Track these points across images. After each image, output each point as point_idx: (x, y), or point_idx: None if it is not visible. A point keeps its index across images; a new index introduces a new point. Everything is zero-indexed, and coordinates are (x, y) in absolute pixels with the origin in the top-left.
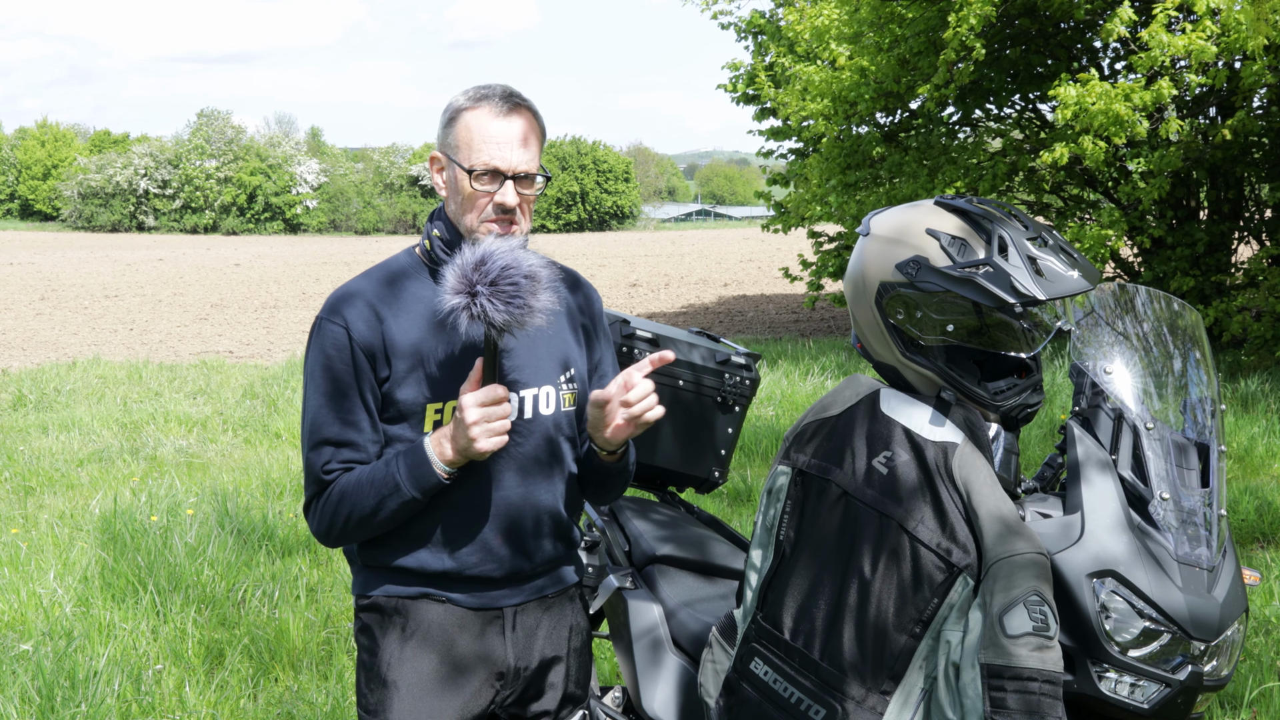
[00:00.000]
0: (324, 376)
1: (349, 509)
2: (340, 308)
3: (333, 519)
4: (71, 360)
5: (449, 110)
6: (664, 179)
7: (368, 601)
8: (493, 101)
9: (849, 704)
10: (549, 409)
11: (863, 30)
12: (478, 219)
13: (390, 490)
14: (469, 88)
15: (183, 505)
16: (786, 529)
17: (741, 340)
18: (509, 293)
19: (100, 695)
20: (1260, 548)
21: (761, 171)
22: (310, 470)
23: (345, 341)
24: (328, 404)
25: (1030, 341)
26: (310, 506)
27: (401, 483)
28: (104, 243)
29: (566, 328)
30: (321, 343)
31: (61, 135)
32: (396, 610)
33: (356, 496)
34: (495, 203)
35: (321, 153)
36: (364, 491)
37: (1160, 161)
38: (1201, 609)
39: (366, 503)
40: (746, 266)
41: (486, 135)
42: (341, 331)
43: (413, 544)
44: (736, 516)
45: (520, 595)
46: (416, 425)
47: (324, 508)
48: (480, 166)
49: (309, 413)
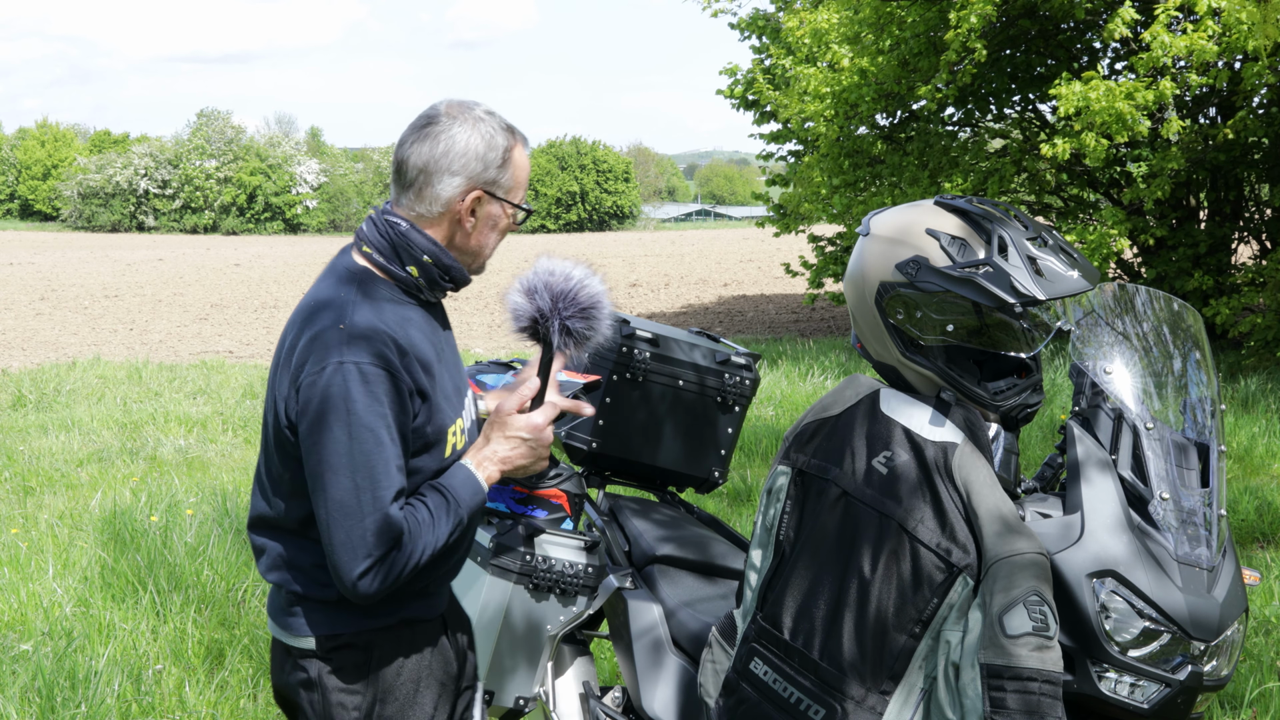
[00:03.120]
0: (380, 425)
1: (420, 554)
2: (372, 349)
3: (403, 570)
4: (71, 360)
5: (496, 148)
6: (664, 179)
7: (338, 642)
8: (519, 137)
9: (849, 704)
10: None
11: (862, 30)
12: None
13: (456, 523)
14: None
15: (182, 505)
16: (786, 529)
17: (741, 340)
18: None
19: (100, 695)
20: (1260, 548)
21: (761, 172)
22: (384, 532)
23: (392, 386)
24: (388, 456)
25: (1030, 341)
26: (374, 569)
27: (462, 513)
28: (104, 243)
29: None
30: (369, 389)
31: (61, 135)
32: (373, 643)
33: (427, 538)
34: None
35: (321, 153)
36: (433, 531)
37: (1161, 161)
38: (1201, 609)
39: (439, 542)
40: (746, 266)
41: (527, 174)
42: (387, 376)
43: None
44: (736, 516)
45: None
46: (439, 452)
47: (397, 562)
48: (524, 203)
49: (368, 466)
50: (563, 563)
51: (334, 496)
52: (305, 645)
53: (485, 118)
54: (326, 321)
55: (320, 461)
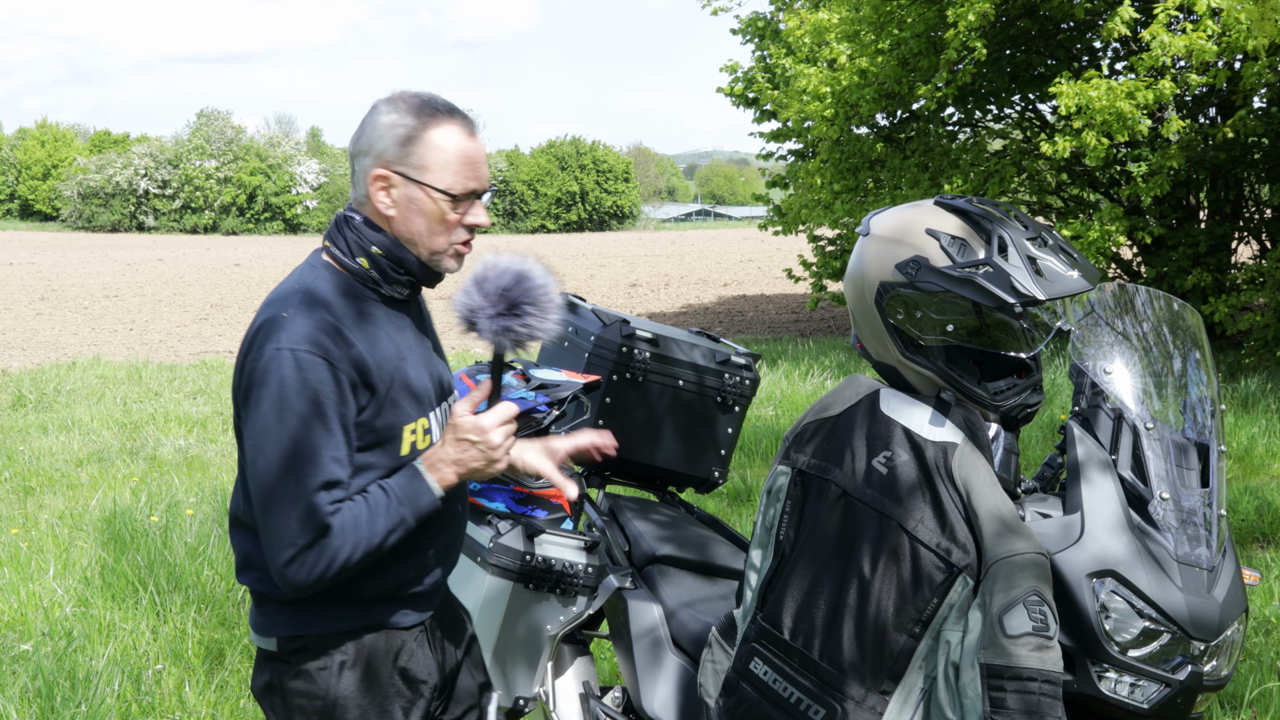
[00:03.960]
0: (310, 413)
1: (350, 550)
2: (309, 335)
3: (330, 564)
4: (71, 360)
5: (399, 126)
6: (664, 179)
7: (299, 643)
8: (456, 119)
9: (848, 704)
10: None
11: (862, 30)
12: (449, 241)
13: (396, 522)
14: (396, 97)
15: (182, 505)
16: (786, 529)
17: (741, 340)
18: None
19: (100, 695)
20: (1260, 548)
21: (761, 173)
22: (308, 519)
23: (328, 374)
24: (319, 444)
25: (1030, 341)
26: (299, 557)
27: (405, 514)
28: (104, 243)
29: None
30: (302, 376)
31: (61, 135)
32: (334, 647)
33: (360, 534)
34: (468, 224)
35: (321, 153)
36: (369, 528)
37: (1161, 160)
38: (1201, 609)
39: (373, 540)
40: (746, 266)
41: (465, 157)
42: (322, 363)
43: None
44: (736, 516)
45: (434, 604)
46: (393, 450)
47: (320, 555)
48: (462, 190)
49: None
50: (563, 563)
51: (262, 482)
52: (268, 647)
53: (408, 100)
54: (273, 311)
55: (253, 447)
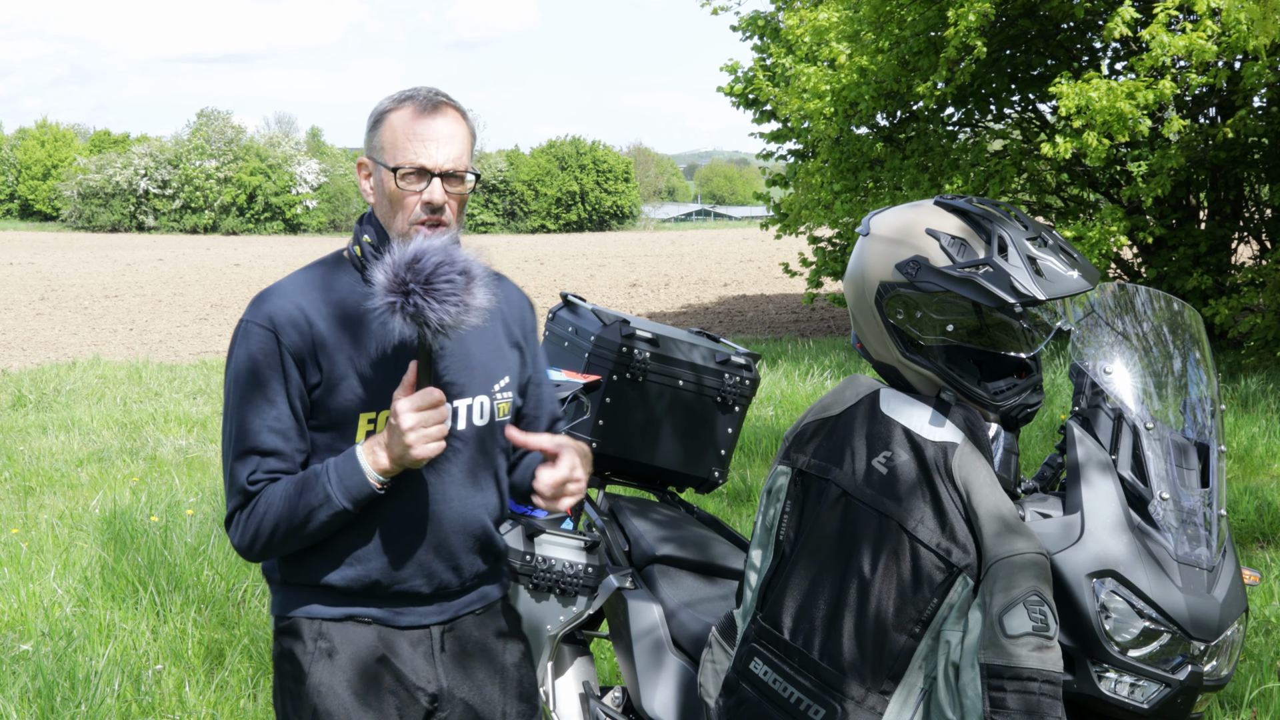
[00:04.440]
0: (249, 382)
1: (275, 521)
2: (268, 311)
3: (257, 531)
4: (71, 360)
5: (374, 114)
6: (664, 179)
7: (287, 623)
8: (417, 101)
9: (848, 704)
10: (482, 419)
11: (862, 29)
12: (406, 220)
13: (321, 501)
14: (394, 92)
15: (182, 505)
16: (786, 529)
17: (741, 340)
18: (444, 290)
19: (100, 695)
20: (1260, 548)
21: (761, 173)
22: (234, 481)
23: (274, 346)
24: (253, 411)
25: (1030, 341)
26: (233, 519)
27: (332, 493)
28: (104, 243)
29: (501, 335)
30: (248, 346)
31: (61, 135)
32: (320, 634)
33: (284, 508)
34: (424, 201)
35: (321, 153)
36: (292, 502)
37: (1161, 160)
38: (1201, 609)
39: (295, 514)
40: (746, 266)
41: (412, 133)
42: (269, 336)
43: (337, 559)
44: (736, 516)
45: (447, 613)
46: (348, 434)
47: (249, 520)
48: (406, 165)
49: (232, 420)
50: (563, 563)
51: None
52: (273, 626)
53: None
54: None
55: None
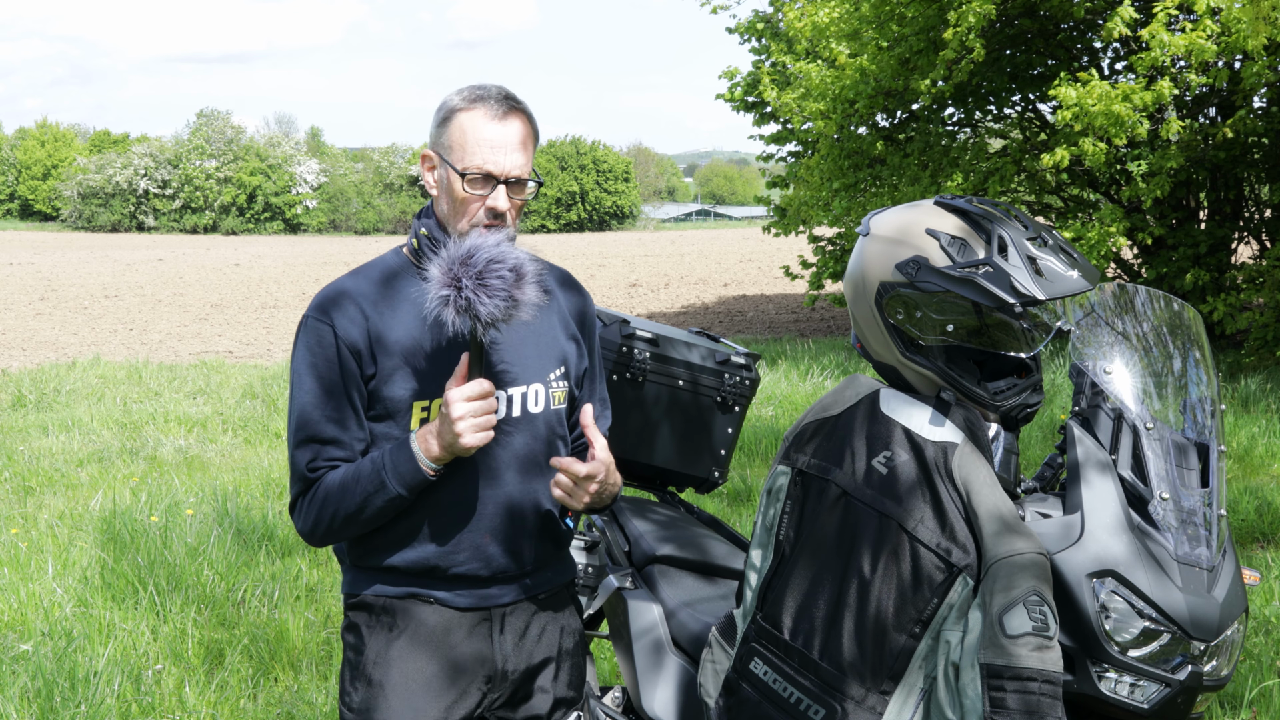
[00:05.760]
0: (310, 375)
1: (335, 507)
2: (327, 306)
3: (318, 517)
4: (71, 360)
5: (443, 109)
6: (664, 179)
7: (356, 600)
8: (488, 104)
9: (848, 704)
10: (538, 407)
11: (862, 27)
12: (468, 222)
13: (376, 487)
14: (464, 87)
15: (182, 505)
16: (786, 529)
17: (741, 340)
18: (494, 286)
19: (100, 695)
20: (1260, 548)
21: (761, 174)
22: (296, 468)
23: (331, 340)
24: (314, 402)
25: (1030, 341)
26: (296, 505)
27: (388, 480)
28: (104, 243)
29: (558, 326)
30: (308, 341)
31: (61, 135)
32: (384, 609)
33: (342, 494)
34: (487, 207)
35: (321, 153)
36: (350, 489)
37: (1161, 160)
38: (1201, 609)
39: (352, 500)
40: (746, 266)
41: (481, 138)
42: (328, 330)
43: (400, 543)
44: (736, 516)
45: (508, 595)
46: (403, 423)
47: (309, 506)
48: (474, 170)
49: (295, 411)
50: None
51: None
52: (344, 604)
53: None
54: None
55: None
